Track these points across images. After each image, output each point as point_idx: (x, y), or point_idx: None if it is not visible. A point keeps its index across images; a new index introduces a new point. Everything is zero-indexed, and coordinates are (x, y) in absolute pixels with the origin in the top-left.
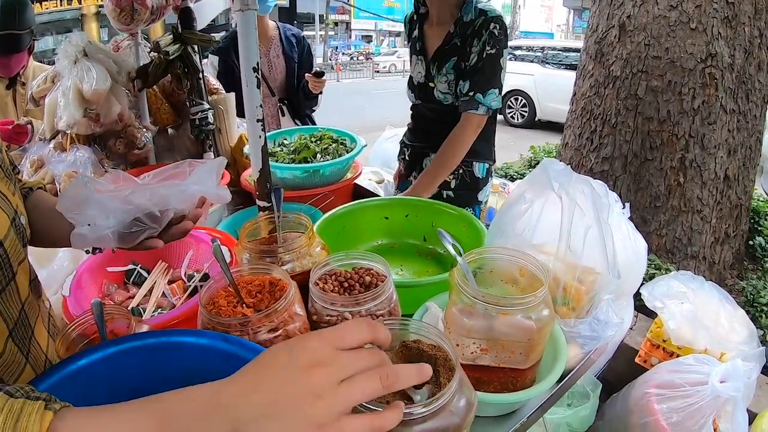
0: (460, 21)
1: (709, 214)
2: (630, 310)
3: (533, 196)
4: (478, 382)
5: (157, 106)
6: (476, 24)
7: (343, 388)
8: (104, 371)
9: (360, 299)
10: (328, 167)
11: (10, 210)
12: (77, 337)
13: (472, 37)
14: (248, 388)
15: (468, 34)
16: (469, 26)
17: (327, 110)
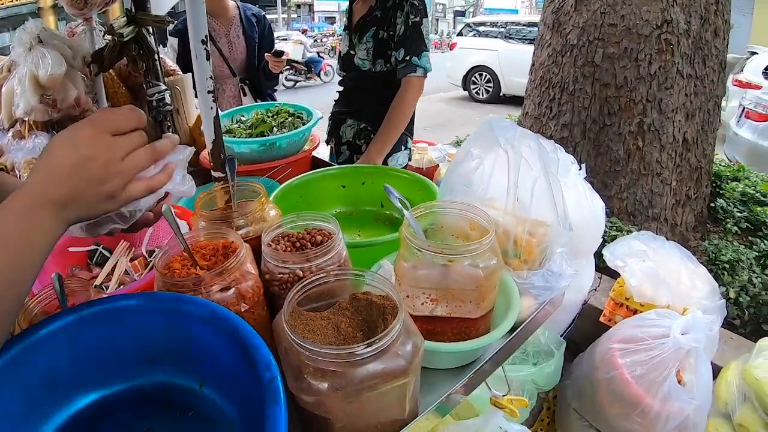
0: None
1: (668, 177)
2: (591, 269)
3: (480, 152)
4: (431, 334)
5: (114, 89)
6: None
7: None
8: (64, 340)
9: (310, 255)
10: (285, 139)
11: None
12: (39, 314)
13: (393, 10)
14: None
15: (388, 6)
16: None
17: (291, 92)
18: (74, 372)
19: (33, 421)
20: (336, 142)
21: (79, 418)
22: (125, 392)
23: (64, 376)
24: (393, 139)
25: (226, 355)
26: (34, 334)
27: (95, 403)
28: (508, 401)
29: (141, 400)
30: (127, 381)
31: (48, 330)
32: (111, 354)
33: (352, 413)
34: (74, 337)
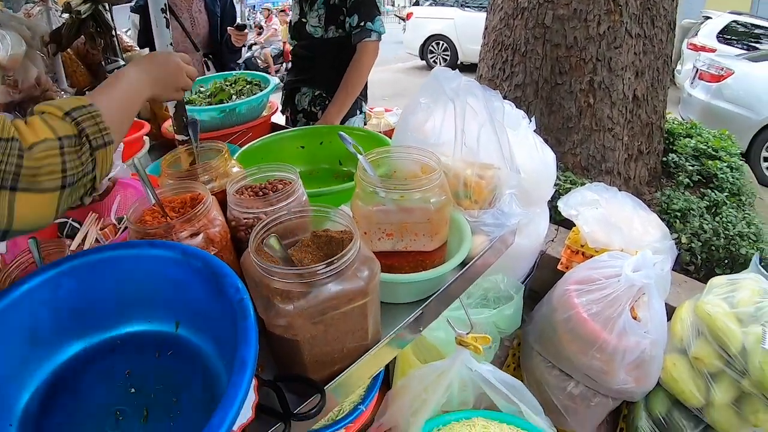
0: None
1: (620, 132)
2: (545, 217)
3: (429, 102)
4: (390, 269)
5: (73, 68)
6: None
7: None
8: (45, 295)
9: (272, 200)
10: (244, 105)
11: None
12: (19, 277)
13: None
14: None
15: None
16: None
17: None
18: (56, 325)
19: (18, 376)
20: (291, 111)
21: (62, 371)
22: (105, 341)
23: (46, 331)
24: (349, 102)
25: (198, 291)
26: (16, 290)
27: (77, 355)
28: (472, 339)
29: (121, 347)
30: (107, 330)
31: (29, 285)
32: (90, 305)
33: (318, 335)
34: (54, 291)
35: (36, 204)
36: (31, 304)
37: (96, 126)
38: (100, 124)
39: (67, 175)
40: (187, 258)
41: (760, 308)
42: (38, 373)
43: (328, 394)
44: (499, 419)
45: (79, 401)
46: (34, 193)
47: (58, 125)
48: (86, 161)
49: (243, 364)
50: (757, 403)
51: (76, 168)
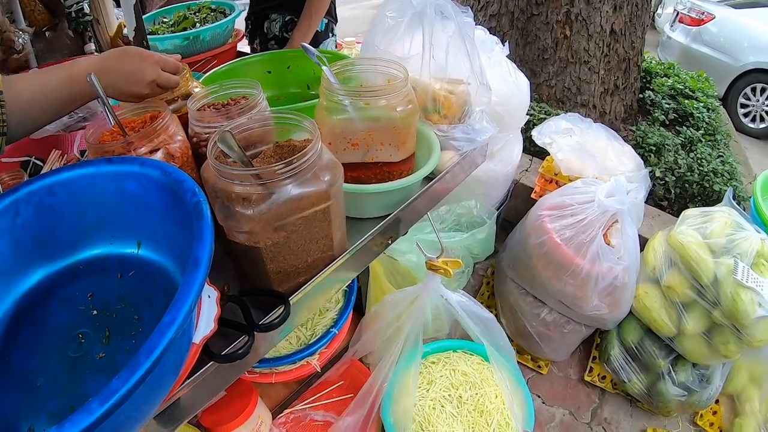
0: None
1: (596, 66)
2: (519, 144)
3: (396, 15)
4: (356, 181)
5: (31, 8)
6: None
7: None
8: (4, 224)
9: (233, 113)
10: (208, 31)
11: None
12: None
13: None
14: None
15: None
16: None
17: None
18: (16, 255)
19: None
20: (261, 41)
21: (26, 300)
22: (67, 268)
23: (7, 261)
24: (315, 23)
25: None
26: None
27: (40, 283)
28: (443, 263)
29: (83, 272)
30: (69, 257)
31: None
32: (50, 231)
33: (280, 242)
34: (13, 220)
35: None
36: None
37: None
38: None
39: None
40: (144, 169)
41: (732, 240)
42: (1, 305)
43: (293, 306)
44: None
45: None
46: None
47: None
48: None
49: (196, 262)
50: (727, 333)
51: None
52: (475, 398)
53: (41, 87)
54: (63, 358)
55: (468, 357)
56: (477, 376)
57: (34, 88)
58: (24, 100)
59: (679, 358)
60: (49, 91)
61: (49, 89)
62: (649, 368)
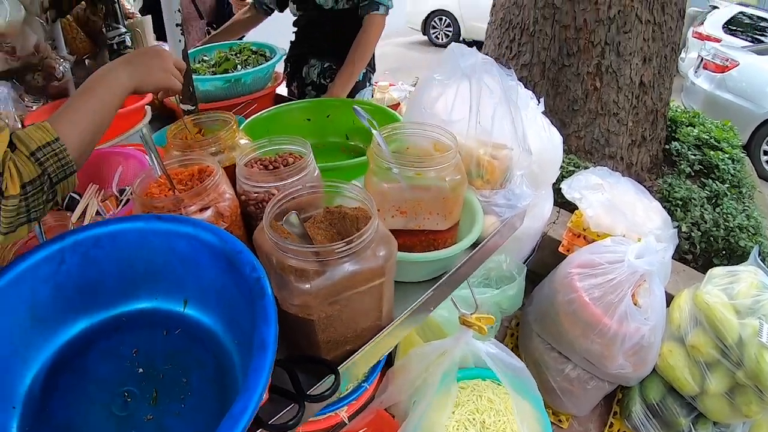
0: None
1: (625, 117)
2: (549, 200)
3: (443, 79)
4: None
5: (73, 35)
6: None
7: None
8: (48, 270)
9: (283, 174)
10: (249, 75)
11: None
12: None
13: None
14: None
15: None
16: None
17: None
18: (59, 303)
19: (20, 356)
20: (299, 84)
21: (67, 350)
22: (110, 320)
23: (49, 308)
24: (356, 74)
25: (209, 267)
26: (17, 266)
27: (82, 333)
28: (477, 319)
29: (127, 324)
30: (112, 308)
31: (31, 262)
32: (95, 281)
33: (334, 315)
34: (57, 267)
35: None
36: (33, 281)
37: (59, 162)
38: (63, 159)
39: (31, 215)
40: (197, 231)
41: (758, 301)
42: (42, 352)
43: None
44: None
45: (85, 381)
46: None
47: (25, 170)
48: (48, 197)
49: (263, 346)
50: (750, 394)
51: (38, 206)
52: (498, 425)
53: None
54: (108, 415)
55: (495, 386)
56: (502, 405)
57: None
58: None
59: (701, 417)
60: (90, 122)
61: (89, 119)
62: (670, 426)
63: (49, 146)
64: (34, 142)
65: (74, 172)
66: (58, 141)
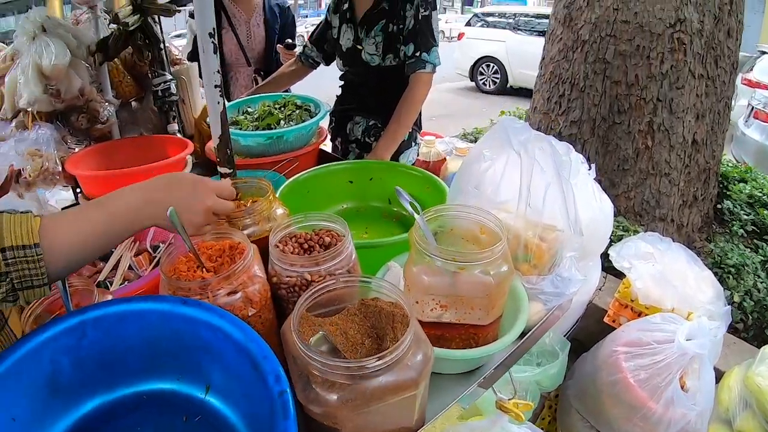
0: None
1: (677, 178)
2: (597, 270)
3: (492, 153)
4: (440, 339)
5: (119, 79)
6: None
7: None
8: (68, 342)
9: (319, 259)
10: (292, 133)
11: None
12: (43, 313)
13: (403, 2)
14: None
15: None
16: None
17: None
18: (79, 376)
19: (38, 425)
20: (343, 140)
21: (83, 423)
22: (130, 397)
23: (69, 380)
24: (401, 135)
25: (233, 362)
26: (39, 336)
27: (100, 408)
28: (514, 405)
29: (147, 404)
30: (132, 386)
31: (52, 333)
32: (116, 358)
33: (361, 424)
34: (78, 341)
35: None
36: (53, 352)
37: (28, 270)
38: (34, 269)
39: None
40: (225, 327)
41: None
42: (60, 423)
43: None
44: None
45: None
46: None
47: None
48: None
49: None
50: None
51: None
52: None
53: (80, 229)
54: None
55: None
56: None
57: (72, 231)
58: (63, 247)
59: None
60: (89, 234)
61: (89, 231)
62: None
63: (23, 250)
64: (9, 237)
65: (44, 285)
66: (36, 248)
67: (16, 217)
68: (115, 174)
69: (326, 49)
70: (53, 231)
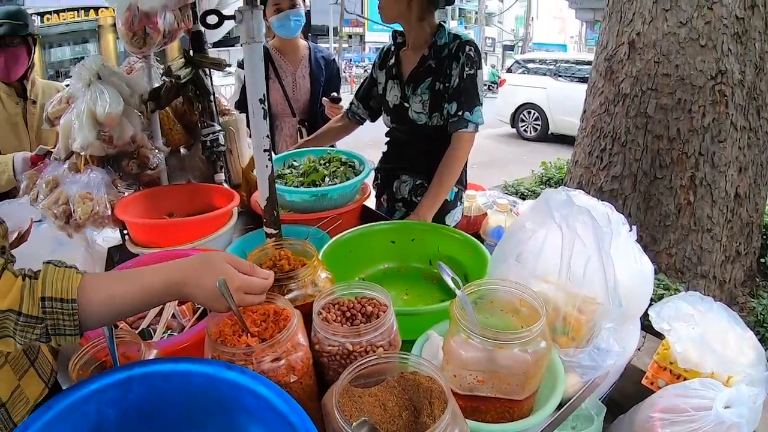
0: (435, 45)
1: (719, 233)
2: (636, 333)
3: (534, 225)
4: (475, 412)
5: (170, 126)
6: (451, 47)
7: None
8: (115, 395)
9: (361, 331)
10: (336, 191)
11: None
12: (90, 359)
13: (449, 60)
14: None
15: (443, 56)
16: (444, 49)
17: None
18: (122, 427)
19: None
20: (389, 198)
21: None
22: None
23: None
24: (443, 195)
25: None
26: (88, 386)
27: None
28: None
29: None
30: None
31: (101, 385)
32: (158, 411)
33: None
34: (124, 394)
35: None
36: (99, 404)
37: (63, 321)
38: (68, 321)
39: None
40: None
41: None
42: None
43: None
44: None
45: None
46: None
47: (28, 302)
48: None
49: None
50: None
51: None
52: None
53: (116, 293)
54: None
55: None
56: None
57: (108, 294)
58: (98, 307)
59: None
60: (124, 300)
61: (124, 298)
62: None
63: (61, 303)
64: (51, 288)
65: (76, 335)
66: (73, 303)
67: (60, 271)
68: (160, 224)
69: (372, 106)
70: (91, 291)
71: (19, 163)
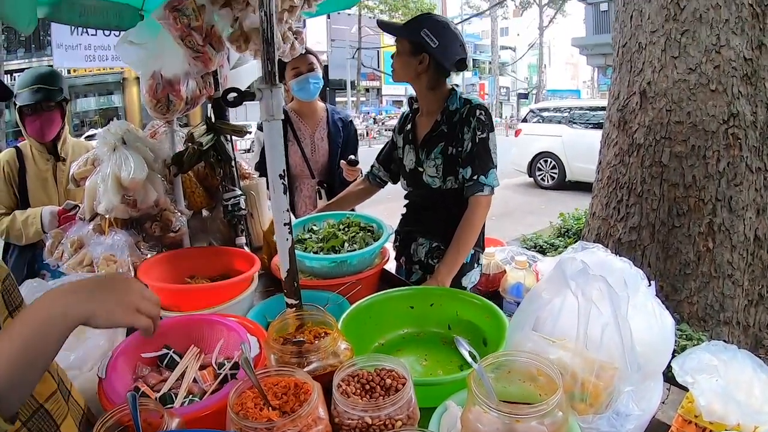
0: (446, 110)
1: (740, 278)
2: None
3: (551, 294)
4: None
5: (192, 189)
6: (462, 112)
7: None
8: None
9: (380, 404)
10: (356, 257)
11: None
12: (113, 425)
13: (461, 125)
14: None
15: (455, 121)
16: (455, 114)
17: None
18: None
19: None
20: (407, 260)
21: None
22: None
23: None
24: (461, 259)
25: None
26: None
27: None
28: None
29: None
30: None
31: None
32: None
33: None
34: None
35: None
36: None
37: None
38: None
39: None
40: None
41: None
42: None
43: None
44: None
45: None
46: None
47: None
48: None
49: None
50: None
51: None
52: None
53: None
54: None
55: None
56: None
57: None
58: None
59: None
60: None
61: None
62: None
63: None
64: None
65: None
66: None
67: None
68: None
69: (393, 169)
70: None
71: (47, 216)
